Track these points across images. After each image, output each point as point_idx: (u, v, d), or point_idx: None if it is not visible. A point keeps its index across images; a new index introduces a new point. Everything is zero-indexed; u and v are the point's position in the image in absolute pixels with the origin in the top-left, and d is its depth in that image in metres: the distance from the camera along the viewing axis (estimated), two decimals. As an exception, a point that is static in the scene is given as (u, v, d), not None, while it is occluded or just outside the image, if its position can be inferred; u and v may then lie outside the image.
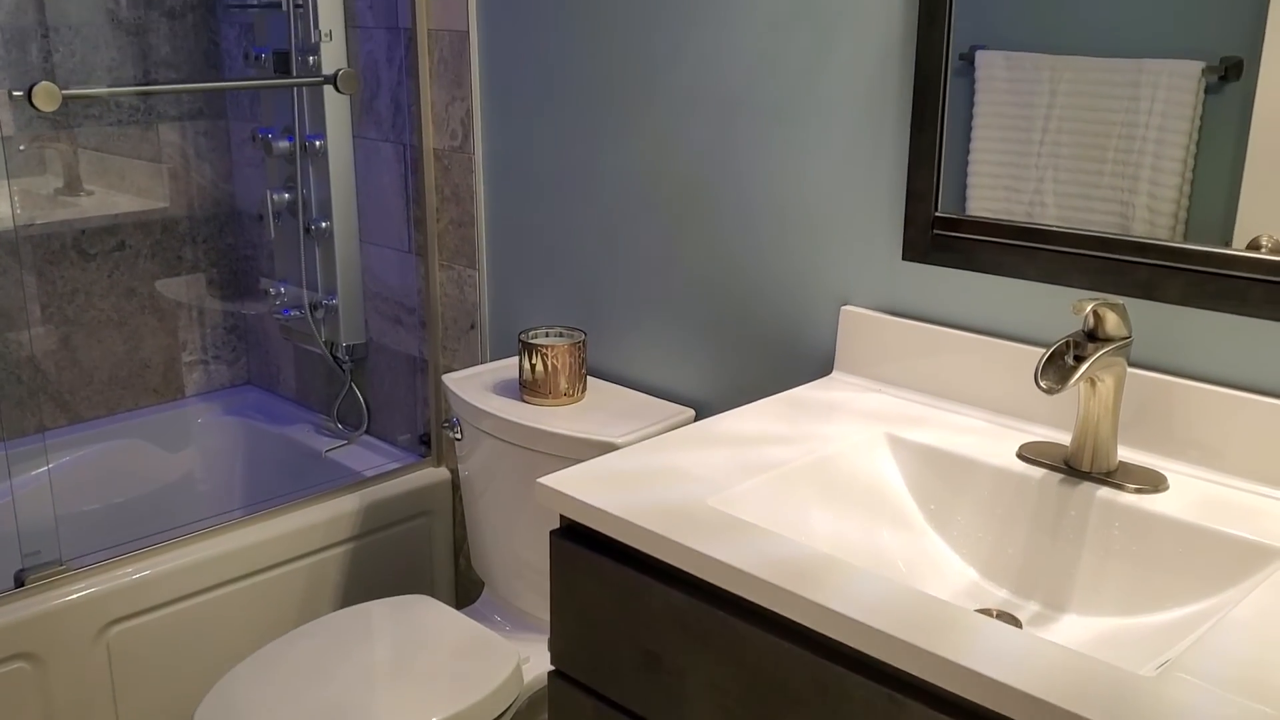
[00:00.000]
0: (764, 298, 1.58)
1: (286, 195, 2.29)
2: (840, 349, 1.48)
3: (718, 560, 0.99)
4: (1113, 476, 1.16)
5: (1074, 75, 1.22)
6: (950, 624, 0.88)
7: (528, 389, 1.73)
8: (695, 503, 1.09)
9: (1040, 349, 1.30)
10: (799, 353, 1.56)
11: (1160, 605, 1.06)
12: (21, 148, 2.22)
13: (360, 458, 2.26)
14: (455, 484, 2.21)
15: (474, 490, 1.83)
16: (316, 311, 2.31)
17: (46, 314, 2.30)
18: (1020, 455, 1.22)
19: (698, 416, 1.70)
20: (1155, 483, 1.14)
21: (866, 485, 1.25)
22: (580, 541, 1.13)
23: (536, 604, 1.79)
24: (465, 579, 2.25)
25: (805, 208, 1.51)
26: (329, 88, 2.12)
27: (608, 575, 1.10)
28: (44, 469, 2.14)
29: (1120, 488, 1.14)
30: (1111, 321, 1.11)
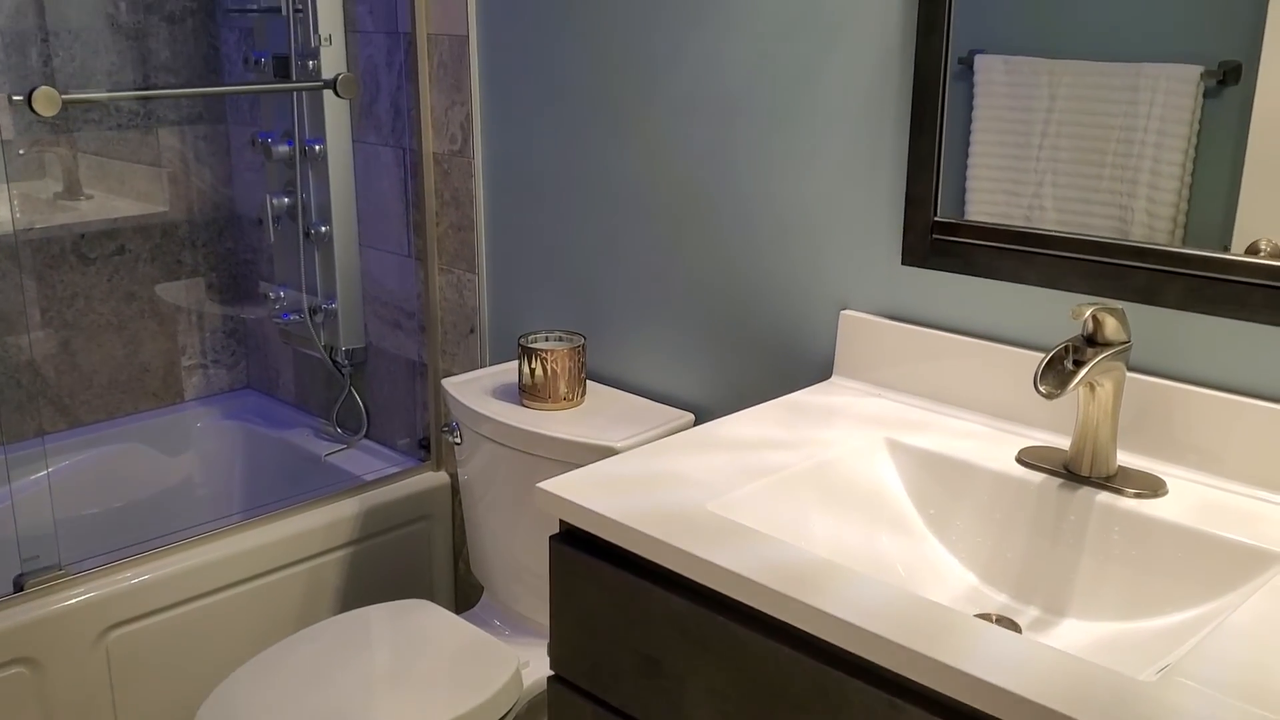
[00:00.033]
0: (763, 302, 1.58)
1: (286, 199, 2.29)
2: (840, 353, 1.48)
3: (717, 565, 0.99)
4: (1112, 481, 1.15)
5: (1073, 79, 1.22)
6: (950, 629, 0.88)
7: (527, 393, 1.73)
8: (695, 507, 1.09)
9: (1039, 354, 1.30)
10: (798, 357, 1.56)
11: (1160, 610, 1.06)
12: (21, 152, 2.22)
13: (360, 462, 2.26)
14: (455, 488, 2.21)
15: (473, 494, 1.83)
16: (316, 316, 2.31)
17: (46, 318, 2.30)
18: (1019, 460, 1.22)
19: (697, 421, 1.70)
20: (1154, 487, 1.14)
21: (866, 490, 1.24)
22: (580, 546, 1.13)
23: (536, 608, 1.79)
24: (465, 583, 2.25)
25: (805, 212, 1.51)
26: (328, 92, 2.12)
27: (607, 580, 1.10)
28: (43, 473, 2.14)
29: (1120, 492, 1.14)
30: (1111, 326, 1.11)
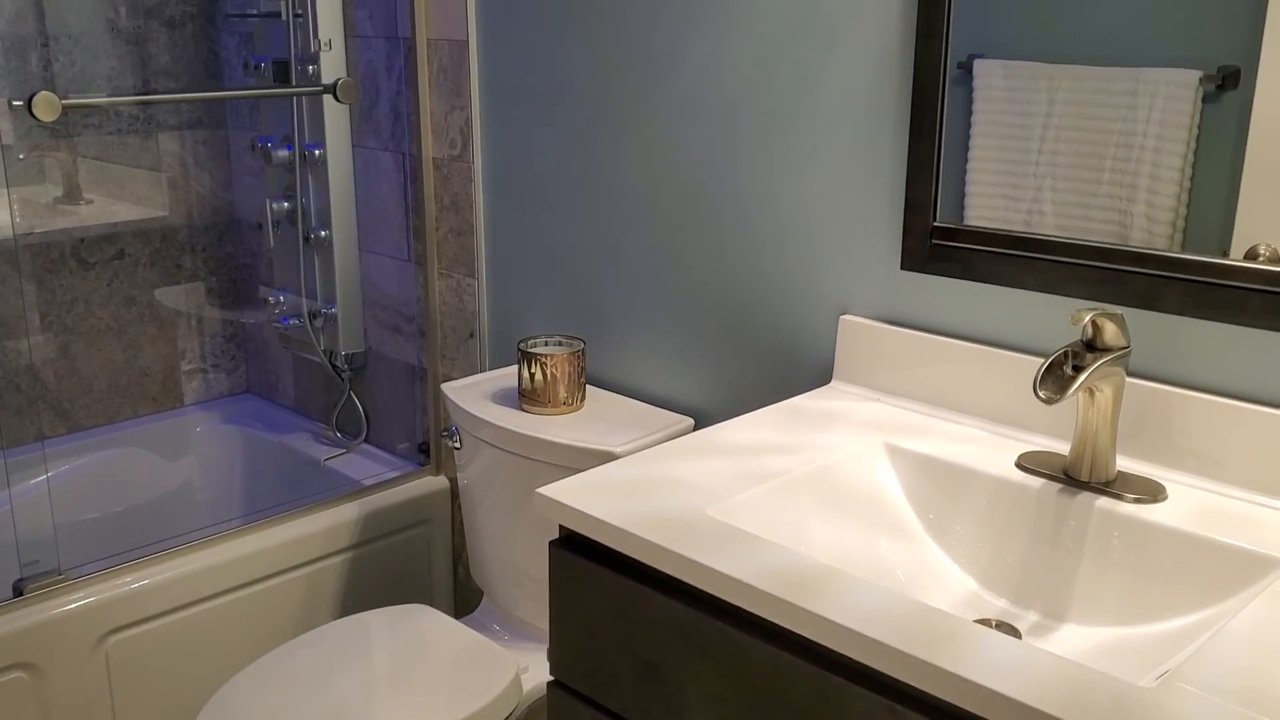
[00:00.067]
0: (763, 307, 1.58)
1: (286, 204, 2.29)
2: (839, 358, 1.48)
3: (717, 571, 0.99)
4: (1111, 486, 1.15)
5: (1072, 84, 1.23)
6: (949, 634, 0.88)
7: (527, 398, 1.73)
8: (694, 513, 1.09)
9: (1039, 358, 1.30)
10: (798, 362, 1.56)
11: (1159, 615, 1.06)
12: (21, 156, 2.22)
13: (359, 466, 2.26)
14: (454, 493, 2.21)
15: (473, 499, 1.83)
16: (315, 320, 2.31)
17: (46, 322, 2.30)
18: (1019, 465, 1.22)
19: (697, 426, 1.70)
20: (1154, 492, 1.14)
21: (865, 495, 1.24)
22: (579, 552, 1.13)
23: (535, 613, 1.79)
24: (464, 588, 2.25)
25: (804, 217, 1.51)
26: (328, 97, 2.12)
27: (607, 585, 1.10)
28: (43, 478, 2.13)
29: (1119, 497, 1.14)
30: (1110, 331, 1.12)
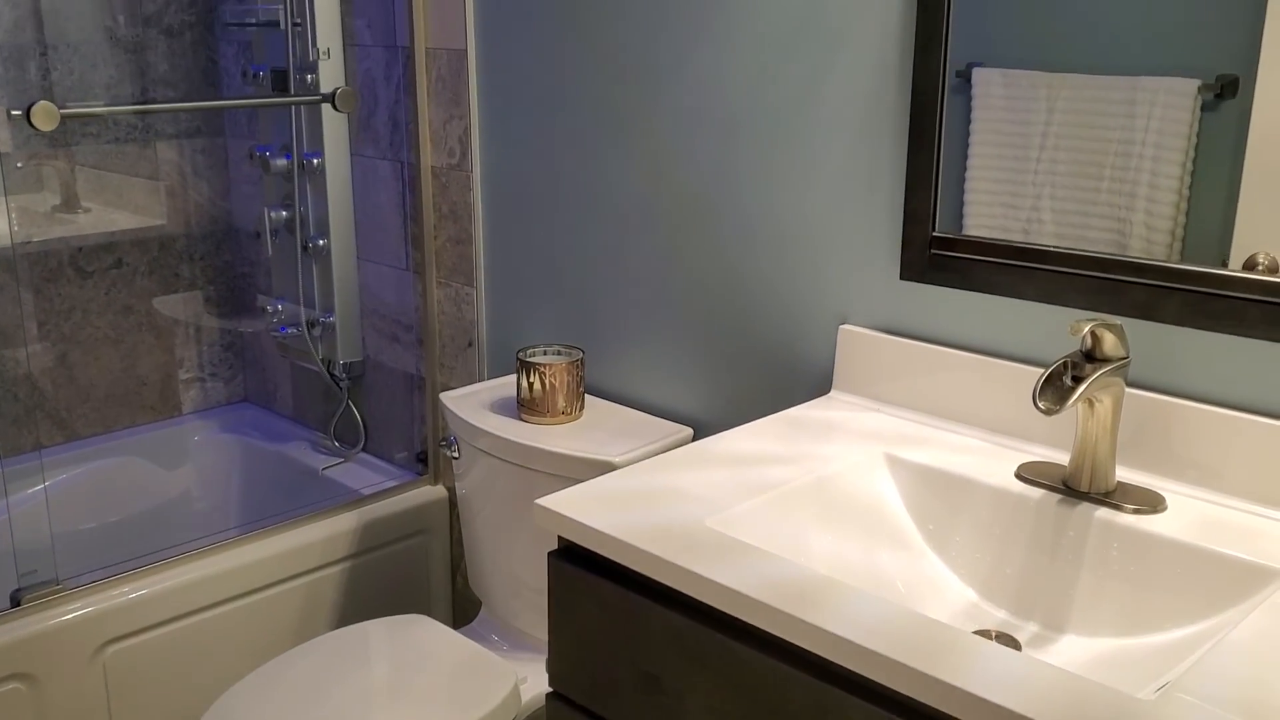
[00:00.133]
0: (762, 316, 1.58)
1: (284, 213, 2.29)
2: (839, 368, 1.47)
3: (716, 582, 0.98)
4: (1111, 497, 1.15)
5: (1071, 93, 1.23)
6: (949, 646, 0.88)
7: (525, 407, 1.73)
8: (694, 523, 1.09)
9: (1038, 369, 1.30)
10: (797, 372, 1.56)
11: (1159, 626, 1.06)
12: (19, 165, 2.22)
13: (357, 476, 2.26)
14: (452, 502, 2.20)
15: (471, 509, 1.83)
16: (314, 329, 2.31)
17: (43, 331, 2.30)
18: (1019, 475, 1.22)
19: (696, 435, 1.70)
20: (1154, 503, 1.14)
21: (865, 505, 1.24)
22: (578, 563, 1.13)
23: (534, 624, 1.79)
24: (462, 598, 2.25)
25: (803, 227, 1.51)
26: (327, 106, 2.12)
27: (606, 597, 1.10)
28: (40, 487, 2.13)
29: (1119, 508, 1.14)
30: (1109, 342, 1.11)
